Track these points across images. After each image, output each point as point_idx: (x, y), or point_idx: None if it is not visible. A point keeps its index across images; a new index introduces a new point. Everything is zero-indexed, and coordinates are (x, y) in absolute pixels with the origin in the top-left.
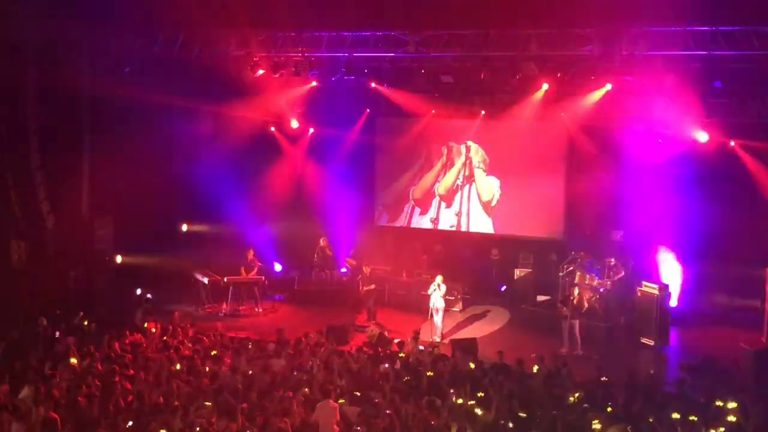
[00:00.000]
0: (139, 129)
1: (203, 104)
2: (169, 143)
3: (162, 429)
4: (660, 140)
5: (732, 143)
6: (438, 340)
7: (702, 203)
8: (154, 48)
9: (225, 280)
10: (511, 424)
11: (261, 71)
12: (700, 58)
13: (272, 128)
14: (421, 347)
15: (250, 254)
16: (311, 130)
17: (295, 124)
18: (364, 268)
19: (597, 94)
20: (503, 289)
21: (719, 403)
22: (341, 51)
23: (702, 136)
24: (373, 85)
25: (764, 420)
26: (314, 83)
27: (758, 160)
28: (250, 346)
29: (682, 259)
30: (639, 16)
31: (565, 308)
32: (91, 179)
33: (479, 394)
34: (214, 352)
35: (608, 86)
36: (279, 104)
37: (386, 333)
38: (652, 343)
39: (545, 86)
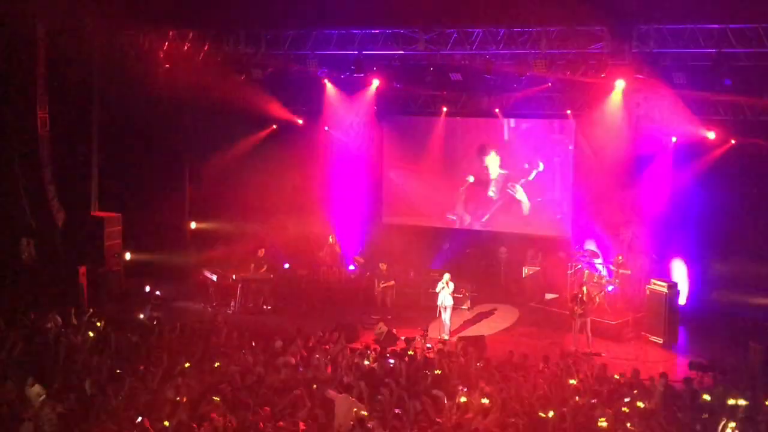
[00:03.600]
0: (148, 127)
1: (213, 101)
2: (179, 141)
3: (171, 424)
4: (675, 138)
5: (733, 141)
6: (446, 337)
7: (711, 201)
8: (164, 44)
9: (234, 277)
10: (519, 421)
11: (270, 69)
12: (710, 56)
13: (274, 126)
14: (429, 345)
15: (261, 252)
16: (326, 128)
17: (302, 121)
18: (380, 264)
19: (614, 94)
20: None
21: (729, 401)
22: (350, 48)
23: (711, 134)
24: (377, 82)
25: None
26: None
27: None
28: (255, 344)
29: (691, 256)
30: (649, 13)
31: (575, 306)
32: (100, 177)
33: (487, 392)
34: (229, 348)
35: (622, 83)
36: (285, 102)
37: (394, 330)
38: (660, 341)
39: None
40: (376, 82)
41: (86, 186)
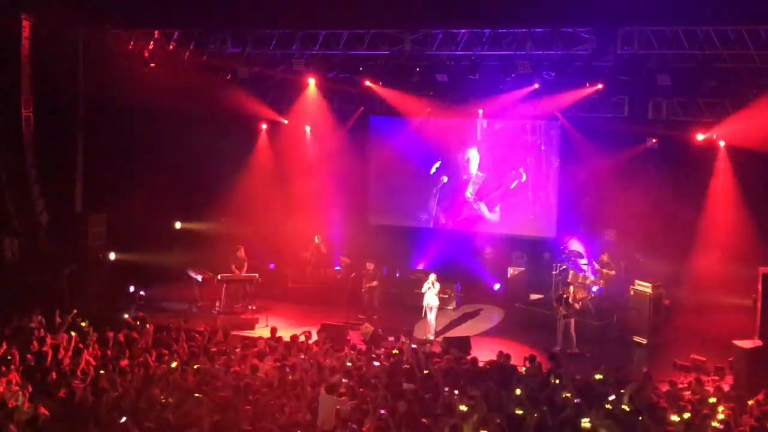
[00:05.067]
0: (133, 126)
1: (197, 101)
2: (163, 140)
3: (155, 425)
4: (654, 140)
5: (723, 143)
6: (432, 338)
7: (695, 202)
8: (149, 45)
9: (219, 277)
10: (503, 421)
11: (256, 69)
12: (694, 58)
13: (264, 126)
14: (414, 345)
15: (241, 251)
16: (307, 128)
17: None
18: (367, 264)
19: (589, 91)
20: (496, 287)
21: (711, 400)
22: (336, 49)
23: (695, 136)
24: (367, 83)
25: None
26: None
27: (750, 159)
28: (239, 346)
29: (675, 257)
30: (633, 15)
31: (560, 306)
32: (84, 177)
33: (473, 393)
34: (213, 349)
35: (599, 86)
36: (270, 101)
37: (380, 331)
38: (644, 341)
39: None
40: (366, 83)
41: (70, 185)
